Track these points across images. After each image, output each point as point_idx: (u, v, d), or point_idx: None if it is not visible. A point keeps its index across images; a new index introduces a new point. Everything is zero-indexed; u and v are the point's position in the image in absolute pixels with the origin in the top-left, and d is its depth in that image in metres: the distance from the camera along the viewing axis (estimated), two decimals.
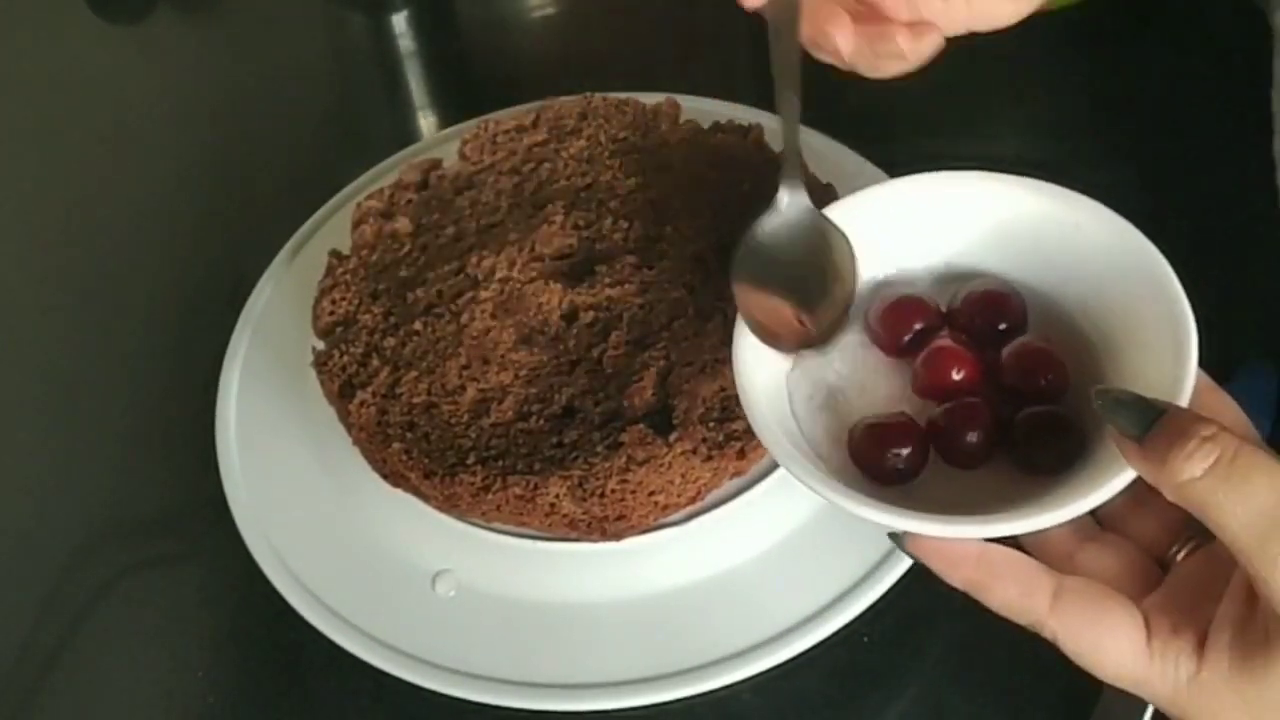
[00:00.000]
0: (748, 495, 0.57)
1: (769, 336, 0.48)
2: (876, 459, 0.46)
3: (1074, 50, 0.77)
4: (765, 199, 0.63)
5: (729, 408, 0.55)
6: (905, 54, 0.48)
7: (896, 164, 0.67)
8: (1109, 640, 0.41)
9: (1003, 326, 0.48)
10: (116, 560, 0.63)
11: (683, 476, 0.54)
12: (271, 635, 0.58)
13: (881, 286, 0.50)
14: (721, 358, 0.56)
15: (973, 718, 0.55)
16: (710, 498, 0.56)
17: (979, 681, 0.55)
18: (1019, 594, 0.41)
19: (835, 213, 0.49)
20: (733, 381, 0.46)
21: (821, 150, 0.67)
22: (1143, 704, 0.51)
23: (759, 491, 0.57)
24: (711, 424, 0.54)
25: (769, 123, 0.67)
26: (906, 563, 0.55)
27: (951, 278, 0.50)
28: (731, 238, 0.61)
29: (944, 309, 0.49)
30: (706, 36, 0.81)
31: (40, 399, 0.70)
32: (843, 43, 0.47)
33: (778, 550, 0.57)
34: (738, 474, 0.55)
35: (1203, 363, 0.44)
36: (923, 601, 0.55)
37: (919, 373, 0.48)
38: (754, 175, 0.64)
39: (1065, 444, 0.45)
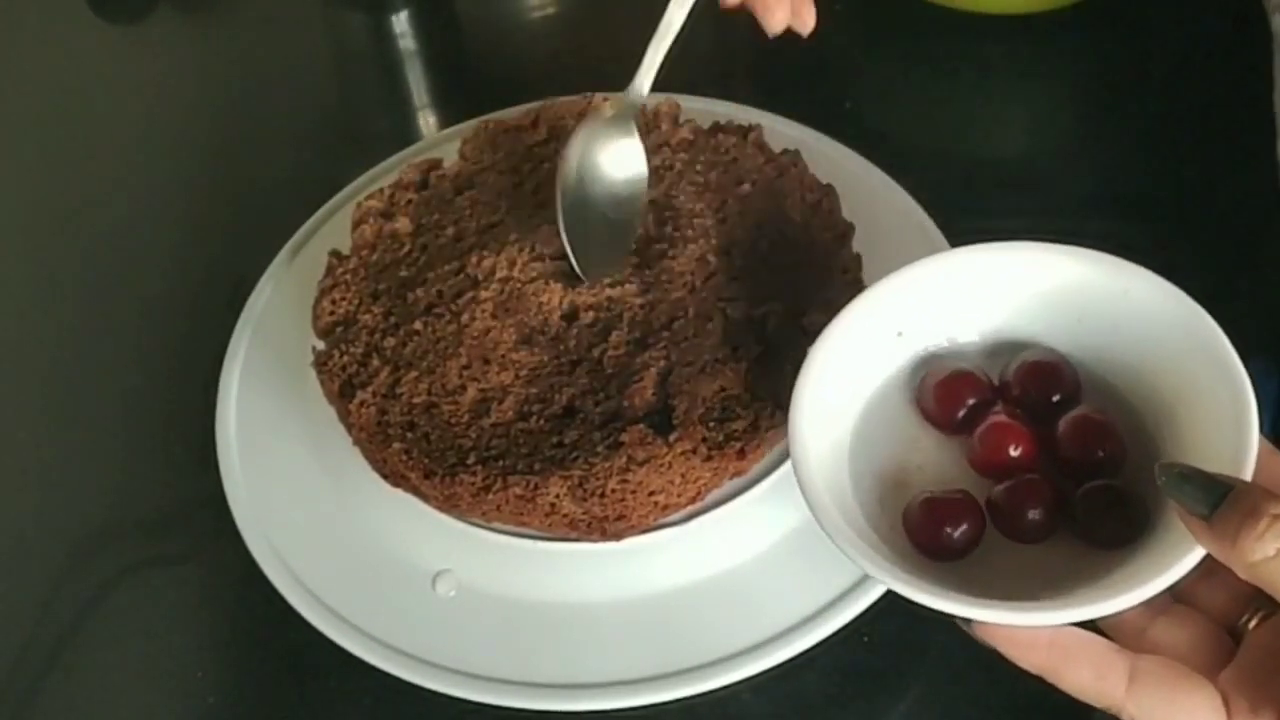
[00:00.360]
0: (748, 495, 0.57)
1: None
2: (933, 535, 0.45)
3: (1072, 51, 0.77)
4: (765, 199, 0.63)
5: (729, 408, 0.55)
6: None
7: (899, 165, 0.67)
8: None
9: (1056, 398, 0.48)
10: (116, 560, 0.63)
11: (683, 476, 0.54)
12: (272, 635, 0.58)
13: (931, 360, 0.50)
14: (721, 357, 0.56)
15: (972, 718, 0.55)
16: (710, 498, 0.56)
17: (979, 681, 0.55)
18: (1093, 678, 0.41)
19: (881, 288, 0.49)
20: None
21: (825, 152, 0.67)
22: None
23: (759, 491, 0.57)
24: (711, 424, 0.54)
25: (769, 123, 0.67)
26: None
27: (1001, 349, 0.50)
28: (733, 240, 0.61)
29: (995, 382, 0.49)
30: (706, 36, 0.81)
31: (40, 399, 0.70)
32: None
33: (778, 550, 0.57)
34: (738, 474, 0.55)
35: None
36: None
37: (975, 449, 0.47)
38: (754, 175, 0.64)
39: (1128, 518, 0.44)
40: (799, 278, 0.59)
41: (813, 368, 0.47)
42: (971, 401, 0.48)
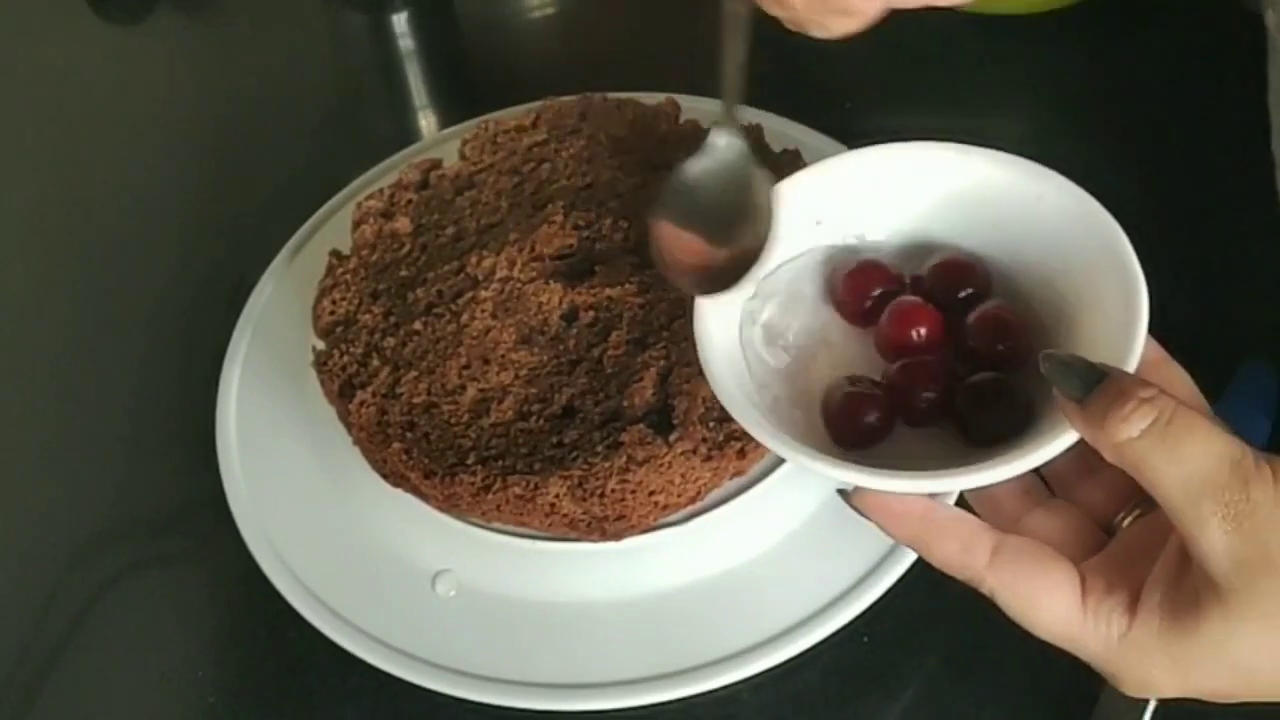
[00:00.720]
0: (748, 495, 0.57)
1: (677, 273, 0.49)
2: (851, 423, 0.46)
3: (1072, 52, 0.77)
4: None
5: None
6: (853, 9, 0.49)
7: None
8: (1044, 597, 0.41)
9: (965, 293, 0.48)
10: (116, 560, 0.63)
11: (683, 476, 0.54)
12: (272, 635, 0.58)
13: (845, 253, 0.50)
14: None
15: (972, 718, 0.55)
16: (710, 498, 0.56)
17: (979, 682, 0.55)
18: (959, 549, 0.42)
19: (798, 180, 0.50)
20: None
21: (825, 152, 0.67)
22: (1142, 704, 0.51)
23: (759, 491, 0.57)
24: (711, 424, 0.54)
25: (769, 123, 0.67)
26: (906, 563, 0.55)
27: (916, 248, 0.50)
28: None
29: (908, 278, 0.49)
30: (706, 36, 0.81)
31: (41, 399, 0.70)
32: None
33: (778, 550, 0.57)
34: (738, 474, 0.55)
35: (1203, 363, 0.44)
36: (923, 601, 0.55)
37: (882, 329, 0.48)
38: None
39: (1007, 414, 0.45)
40: None
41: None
42: (880, 290, 0.48)
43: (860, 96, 0.75)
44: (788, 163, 0.64)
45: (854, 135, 0.69)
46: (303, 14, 0.89)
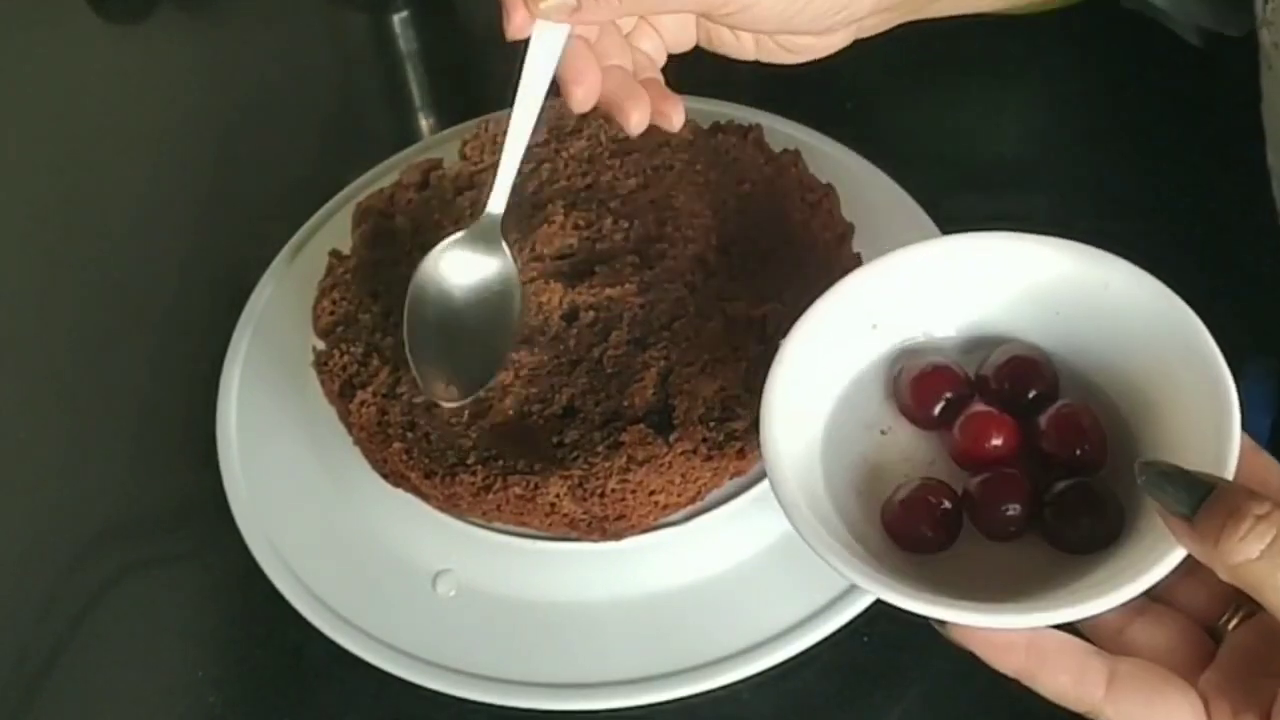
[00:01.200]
0: (748, 495, 0.57)
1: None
2: (910, 529, 0.44)
3: (1072, 52, 0.77)
4: (765, 199, 0.63)
5: (729, 407, 0.55)
6: (630, 127, 0.50)
7: (899, 165, 0.67)
8: None
9: (1034, 394, 0.46)
10: (116, 560, 0.63)
11: (683, 476, 0.54)
12: (272, 635, 0.58)
13: (906, 354, 0.49)
14: (721, 357, 0.56)
15: (972, 718, 0.55)
16: (710, 498, 0.56)
17: (979, 682, 0.55)
18: (1072, 682, 0.40)
19: (850, 284, 0.48)
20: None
21: (825, 152, 0.67)
22: None
23: (759, 491, 0.57)
24: (711, 424, 0.54)
25: (769, 123, 0.67)
26: None
27: (978, 344, 0.49)
28: (732, 240, 0.61)
29: (972, 376, 0.48)
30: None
31: (41, 399, 0.70)
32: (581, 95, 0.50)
33: (778, 550, 0.57)
34: (738, 474, 0.55)
35: None
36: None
37: (956, 440, 0.46)
38: (754, 175, 0.64)
39: (1101, 521, 0.43)
40: (799, 278, 0.59)
41: (783, 364, 0.46)
42: (949, 395, 0.47)
43: (860, 96, 0.75)
44: (788, 163, 0.64)
45: (854, 135, 0.69)
46: (303, 14, 0.89)
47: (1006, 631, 0.41)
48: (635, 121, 0.50)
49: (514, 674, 0.55)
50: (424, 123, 0.83)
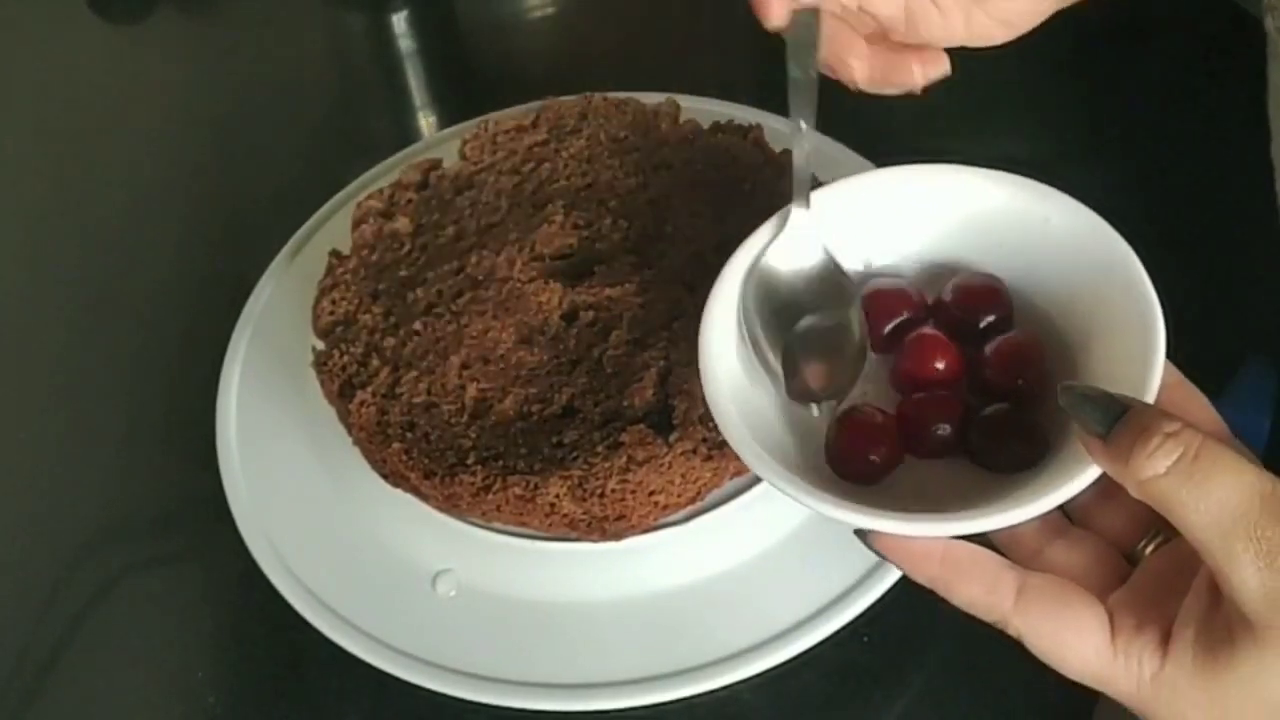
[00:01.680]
0: (748, 495, 0.57)
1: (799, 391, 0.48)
2: (852, 458, 0.45)
3: (1071, 51, 0.77)
4: (765, 199, 0.63)
5: None
6: (916, 81, 0.49)
7: (899, 165, 0.67)
8: (1073, 637, 0.41)
9: (988, 321, 0.47)
10: (116, 560, 0.63)
11: (683, 476, 0.54)
12: (272, 635, 0.58)
13: (863, 278, 0.50)
14: None
15: (972, 718, 0.55)
16: (710, 498, 0.56)
17: (979, 682, 0.55)
18: (983, 591, 0.41)
19: (813, 200, 0.49)
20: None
21: (825, 152, 0.67)
22: None
23: (759, 491, 0.57)
24: (711, 424, 0.54)
25: (769, 123, 0.67)
26: None
27: (933, 270, 0.50)
28: (730, 238, 0.61)
29: (929, 301, 0.49)
30: (706, 36, 0.81)
31: (40, 399, 0.70)
32: (859, 71, 0.48)
33: (778, 550, 0.57)
34: (738, 474, 0.55)
35: (1203, 363, 0.44)
36: (923, 602, 0.55)
37: (899, 363, 0.47)
38: (754, 175, 0.64)
39: (1024, 446, 0.44)
40: None
41: (725, 280, 0.47)
42: (904, 316, 0.47)
43: (860, 96, 0.75)
44: (788, 163, 0.64)
45: (854, 135, 0.69)
46: (303, 14, 0.89)
47: (924, 540, 0.42)
48: (775, 14, 0.48)
49: (514, 674, 0.55)
50: (424, 123, 0.83)
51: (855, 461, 0.45)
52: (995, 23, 0.50)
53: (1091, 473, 0.41)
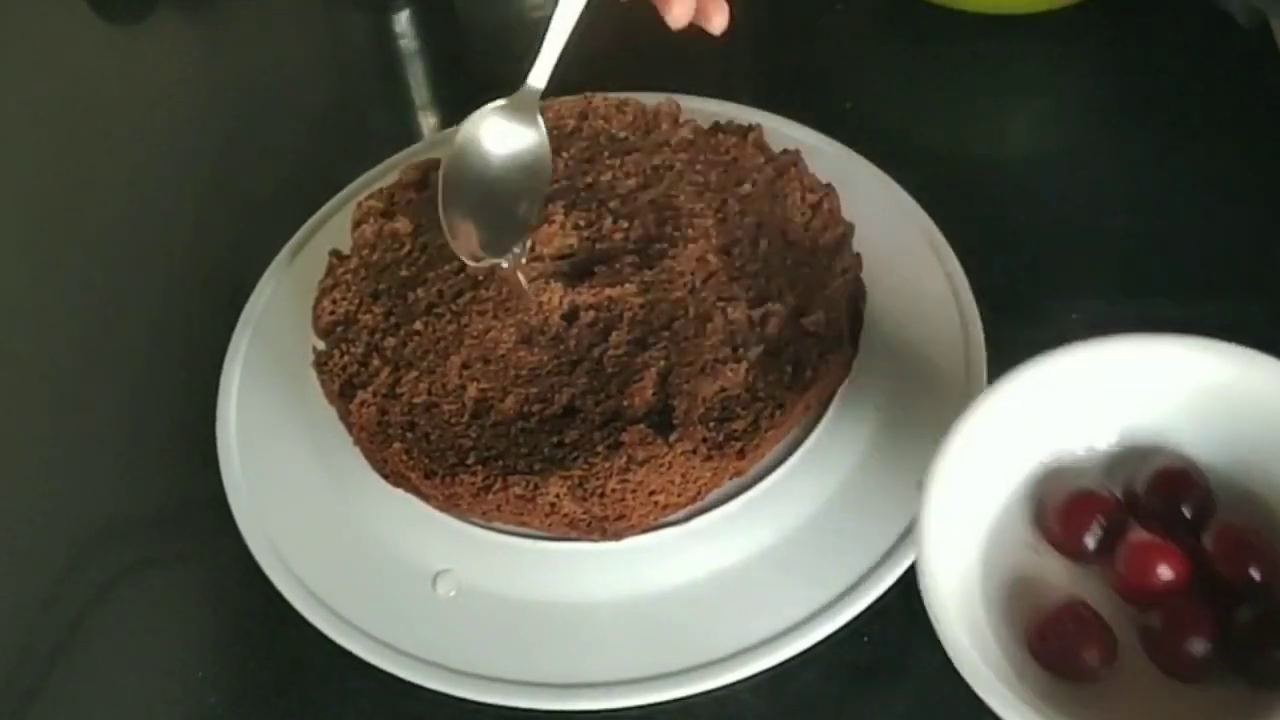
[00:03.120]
0: (748, 495, 0.57)
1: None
2: (1062, 660, 0.42)
3: (1073, 51, 0.77)
4: (765, 199, 0.63)
5: (729, 408, 0.55)
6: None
7: (899, 165, 0.67)
8: None
9: (1189, 508, 0.44)
10: (116, 560, 0.63)
11: (683, 476, 0.54)
12: (272, 635, 0.58)
13: (1050, 479, 0.46)
14: (721, 357, 0.56)
15: (972, 718, 0.55)
16: (710, 498, 0.56)
17: None
18: None
19: (991, 399, 0.45)
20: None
21: (825, 152, 0.67)
22: None
23: (759, 491, 0.57)
24: (711, 424, 0.54)
25: (769, 123, 0.67)
26: (906, 563, 0.55)
27: (1120, 457, 0.46)
28: (733, 240, 0.61)
29: (1119, 495, 0.45)
30: (706, 36, 0.81)
31: (40, 399, 0.70)
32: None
33: (777, 550, 0.57)
34: (738, 474, 0.55)
35: None
36: (923, 601, 0.55)
37: (1121, 574, 0.43)
38: (754, 175, 0.64)
39: None
40: (799, 278, 0.60)
41: (935, 488, 0.43)
42: (1102, 523, 0.44)
43: (860, 96, 0.75)
44: (788, 163, 0.64)
45: (854, 135, 0.69)
46: (303, 14, 0.89)
47: None
48: (677, 14, 0.49)
49: (514, 674, 0.55)
50: (424, 123, 0.83)
51: (1073, 661, 0.42)
52: None
53: None
